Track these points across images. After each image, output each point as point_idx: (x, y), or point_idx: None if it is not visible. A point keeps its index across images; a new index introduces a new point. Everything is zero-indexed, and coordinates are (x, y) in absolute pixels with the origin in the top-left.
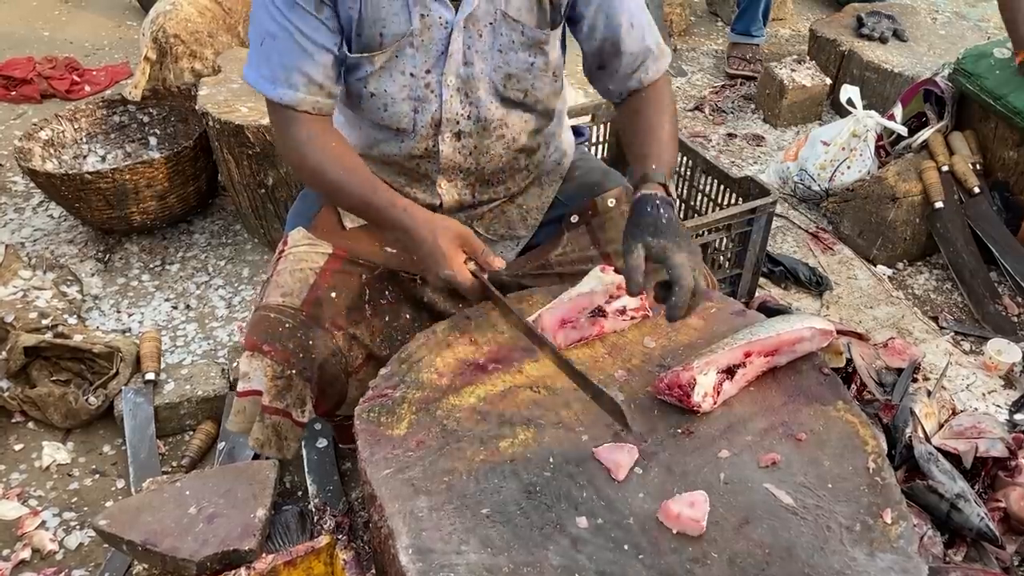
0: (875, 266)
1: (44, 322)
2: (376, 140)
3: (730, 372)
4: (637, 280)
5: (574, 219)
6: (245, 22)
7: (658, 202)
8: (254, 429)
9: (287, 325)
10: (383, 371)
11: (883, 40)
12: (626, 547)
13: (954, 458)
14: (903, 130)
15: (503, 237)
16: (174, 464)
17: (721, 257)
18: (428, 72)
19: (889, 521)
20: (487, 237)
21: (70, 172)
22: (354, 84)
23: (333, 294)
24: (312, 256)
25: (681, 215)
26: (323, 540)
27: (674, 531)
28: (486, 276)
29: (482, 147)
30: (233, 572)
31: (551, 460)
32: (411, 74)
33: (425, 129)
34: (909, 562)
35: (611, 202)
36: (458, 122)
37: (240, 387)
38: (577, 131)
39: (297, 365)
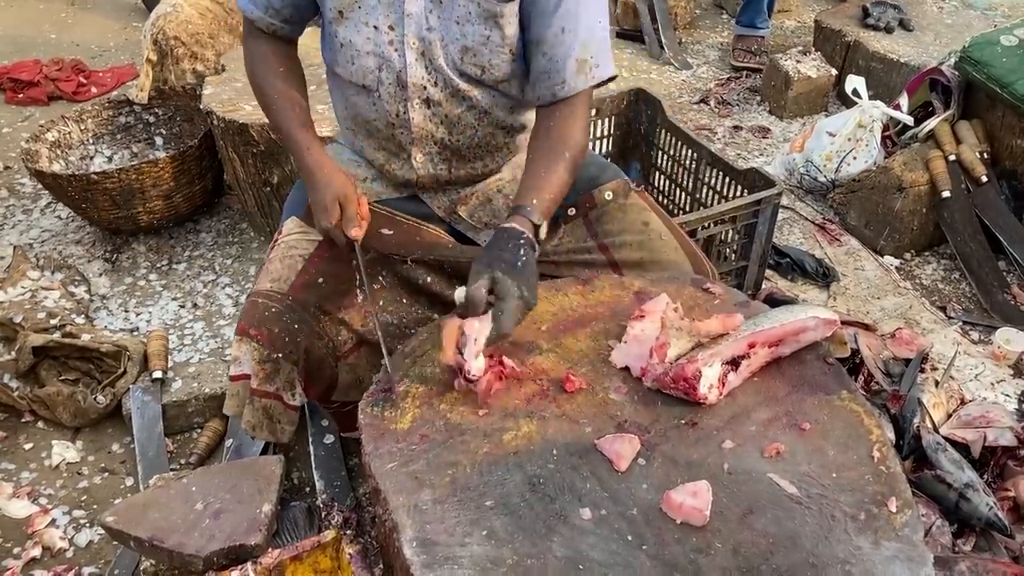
0: (882, 257)
1: (52, 322)
2: (353, 103)
3: (735, 363)
4: (474, 311)
5: (571, 211)
6: None
7: (522, 241)
8: (245, 412)
9: (273, 309)
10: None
11: (889, 30)
12: (630, 538)
13: (963, 448)
14: (909, 120)
15: (487, 225)
16: (182, 462)
17: (727, 249)
18: (391, 28)
19: (894, 510)
20: (470, 223)
21: (77, 173)
22: (327, 29)
23: (321, 279)
24: (303, 244)
25: (686, 208)
26: (329, 535)
27: (678, 521)
28: (358, 242)
29: (453, 116)
30: (239, 567)
31: (554, 452)
32: (374, 27)
33: (392, 89)
34: (914, 550)
35: (608, 195)
36: (425, 87)
37: (231, 371)
38: None
39: (283, 348)
